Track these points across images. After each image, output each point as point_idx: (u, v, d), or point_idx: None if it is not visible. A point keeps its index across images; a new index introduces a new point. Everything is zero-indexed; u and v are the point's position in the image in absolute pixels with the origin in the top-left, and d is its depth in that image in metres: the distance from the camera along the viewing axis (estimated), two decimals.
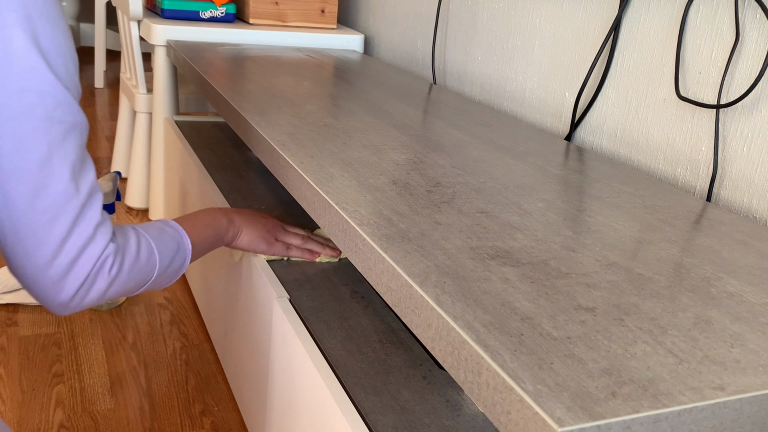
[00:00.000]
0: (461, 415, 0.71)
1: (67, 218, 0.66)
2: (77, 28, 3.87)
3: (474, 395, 0.48)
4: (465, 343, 0.49)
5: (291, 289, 0.93)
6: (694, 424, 0.45)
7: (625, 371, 0.47)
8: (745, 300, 0.59)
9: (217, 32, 1.68)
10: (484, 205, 0.74)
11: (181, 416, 1.14)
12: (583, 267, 0.62)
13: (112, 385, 1.20)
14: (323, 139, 0.92)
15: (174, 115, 1.75)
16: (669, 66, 0.99)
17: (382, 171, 0.82)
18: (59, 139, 0.65)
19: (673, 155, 0.98)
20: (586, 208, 0.78)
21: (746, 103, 0.88)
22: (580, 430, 0.41)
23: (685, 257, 0.67)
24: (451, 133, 1.04)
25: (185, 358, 1.28)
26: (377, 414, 0.70)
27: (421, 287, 0.55)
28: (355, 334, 0.84)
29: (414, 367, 0.79)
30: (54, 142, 0.64)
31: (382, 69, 1.55)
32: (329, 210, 0.71)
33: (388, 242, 0.62)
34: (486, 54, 1.41)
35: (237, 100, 1.09)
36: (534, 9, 1.26)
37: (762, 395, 0.46)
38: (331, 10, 1.86)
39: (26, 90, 0.62)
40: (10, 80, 0.61)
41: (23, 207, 0.64)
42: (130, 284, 0.73)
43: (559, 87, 1.20)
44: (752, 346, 0.52)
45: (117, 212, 1.91)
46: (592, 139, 1.13)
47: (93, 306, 0.74)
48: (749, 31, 0.87)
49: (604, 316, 0.54)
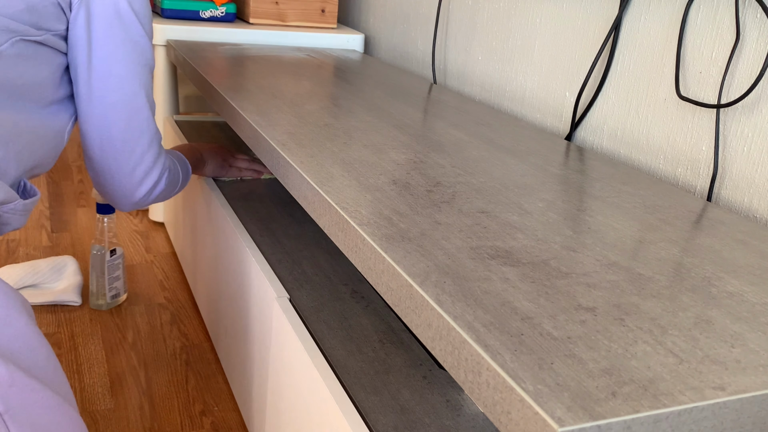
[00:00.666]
0: (461, 415, 0.71)
1: (147, 137, 0.92)
2: None
3: (474, 395, 0.48)
4: (465, 342, 0.49)
5: (291, 289, 0.93)
6: (695, 424, 0.45)
7: (625, 371, 0.46)
8: (745, 300, 0.59)
9: (217, 32, 1.68)
10: (485, 205, 0.74)
11: (181, 416, 1.14)
12: (584, 267, 0.62)
13: (112, 385, 1.19)
14: (323, 138, 0.92)
15: (174, 114, 1.75)
16: (669, 66, 0.99)
17: (382, 171, 0.82)
18: (145, 77, 0.90)
19: (674, 155, 0.98)
20: (586, 208, 0.78)
21: (747, 103, 0.88)
22: (581, 430, 0.41)
23: (685, 257, 0.67)
24: (452, 132, 1.04)
25: (185, 358, 1.28)
26: (377, 414, 0.70)
27: (421, 287, 0.55)
28: (355, 334, 0.84)
29: (414, 367, 0.78)
30: (142, 80, 0.89)
31: (382, 69, 1.55)
32: (329, 210, 0.71)
33: (388, 242, 0.62)
34: (486, 54, 1.41)
35: (237, 100, 1.09)
36: (534, 9, 1.26)
37: (762, 395, 0.46)
38: (331, 10, 1.86)
39: (128, 40, 0.87)
40: (117, 33, 0.86)
41: (121, 127, 0.89)
42: (169, 189, 1.00)
43: (560, 87, 1.20)
44: (753, 346, 0.52)
45: (117, 212, 1.91)
46: (592, 138, 1.13)
47: (152, 202, 0.99)
48: (749, 31, 0.87)
49: (605, 315, 0.54)
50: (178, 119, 1.68)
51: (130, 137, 0.90)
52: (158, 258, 1.67)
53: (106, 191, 0.95)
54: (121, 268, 1.43)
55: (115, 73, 0.87)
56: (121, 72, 0.87)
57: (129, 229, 1.82)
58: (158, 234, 1.80)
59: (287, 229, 1.13)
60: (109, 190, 0.94)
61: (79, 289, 1.44)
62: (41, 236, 1.73)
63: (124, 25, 0.86)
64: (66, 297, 1.41)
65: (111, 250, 1.39)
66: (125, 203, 0.96)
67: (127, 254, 1.67)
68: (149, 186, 0.94)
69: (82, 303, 1.44)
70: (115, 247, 1.40)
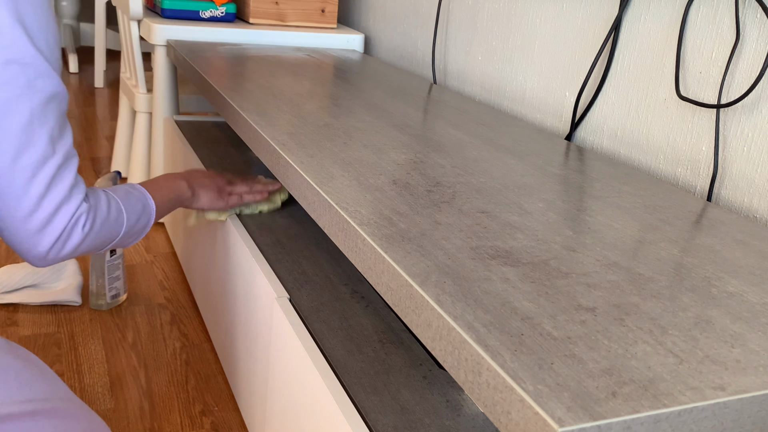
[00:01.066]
0: (461, 415, 0.71)
1: (44, 177, 0.73)
2: (77, 27, 3.86)
3: (474, 395, 0.48)
4: (465, 343, 0.49)
5: (291, 289, 0.93)
6: (695, 424, 0.45)
7: (625, 371, 0.46)
8: (745, 300, 0.59)
9: (217, 32, 1.68)
10: (485, 205, 0.74)
11: (181, 416, 1.14)
12: (584, 267, 0.62)
13: (112, 385, 1.19)
14: (323, 138, 0.92)
15: (174, 114, 1.75)
16: (669, 66, 0.99)
17: (382, 171, 0.82)
18: (40, 106, 0.72)
19: (674, 155, 0.98)
20: (586, 208, 0.78)
21: (747, 103, 0.88)
22: (581, 430, 0.41)
23: (685, 257, 0.67)
24: (452, 132, 1.04)
25: (185, 358, 1.28)
26: (377, 414, 0.70)
27: (421, 287, 0.55)
28: (355, 334, 0.84)
29: (414, 367, 0.78)
30: (35, 109, 0.71)
31: (382, 69, 1.55)
32: (329, 210, 0.71)
33: (388, 242, 0.62)
34: (486, 54, 1.41)
35: (237, 100, 1.09)
36: (534, 9, 1.26)
37: (762, 395, 0.46)
38: (331, 10, 1.86)
39: (11, 61, 0.69)
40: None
41: (6, 165, 0.71)
42: (100, 240, 0.81)
43: (560, 87, 1.20)
44: (753, 346, 0.52)
45: None
46: (592, 138, 1.13)
47: (77, 254, 0.81)
48: (749, 31, 0.87)
49: (605, 316, 0.54)
50: (178, 119, 1.68)
51: (18, 177, 0.72)
52: (158, 258, 1.67)
53: (8, 243, 0.78)
54: (121, 268, 1.43)
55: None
56: (2, 98, 0.70)
57: None
58: (158, 234, 1.80)
59: (287, 229, 1.13)
60: (9, 243, 0.77)
61: (79, 289, 1.44)
62: None
63: (7, 43, 0.69)
64: (66, 297, 1.41)
65: (111, 250, 1.39)
66: (32, 259, 0.77)
67: (127, 254, 1.67)
68: (52, 239, 0.76)
69: (82, 303, 1.44)
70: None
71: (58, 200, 0.75)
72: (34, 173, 0.73)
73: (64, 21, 3.73)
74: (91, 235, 0.79)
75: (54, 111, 0.74)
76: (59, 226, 0.76)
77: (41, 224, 0.74)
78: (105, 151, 2.43)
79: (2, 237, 0.77)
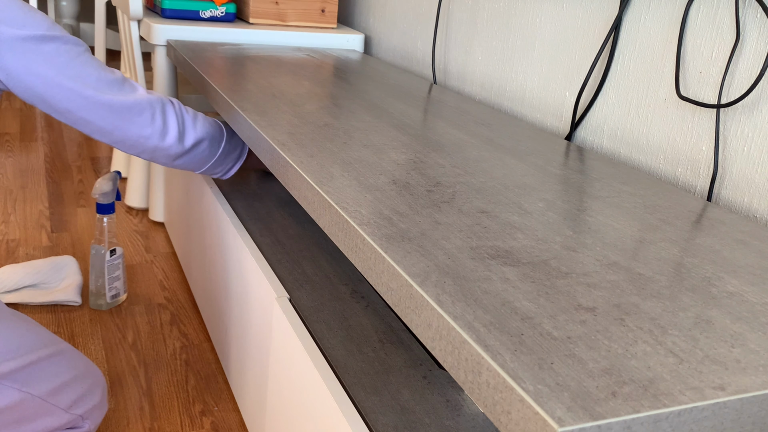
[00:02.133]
0: (461, 415, 0.71)
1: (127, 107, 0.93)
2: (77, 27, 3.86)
3: (474, 395, 0.48)
4: (465, 342, 0.49)
5: (291, 289, 0.93)
6: (695, 424, 0.44)
7: (625, 371, 0.46)
8: (745, 300, 0.59)
9: (217, 32, 1.68)
10: (485, 205, 0.74)
11: (181, 416, 1.14)
12: (584, 267, 0.62)
13: (112, 385, 1.19)
14: (323, 138, 0.92)
15: None
16: (669, 66, 0.99)
17: (382, 171, 0.82)
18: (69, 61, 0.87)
19: (674, 155, 0.98)
20: (586, 208, 0.78)
21: (747, 103, 0.88)
22: (581, 430, 0.41)
23: (685, 257, 0.67)
24: (452, 132, 1.04)
25: (185, 358, 1.28)
26: (377, 414, 0.70)
27: (421, 287, 0.55)
28: (355, 333, 0.84)
29: (414, 367, 0.78)
30: (70, 70, 0.87)
31: (382, 69, 1.55)
32: (329, 210, 0.71)
33: (388, 242, 0.62)
34: (486, 54, 1.41)
35: (237, 100, 1.09)
36: (534, 9, 1.26)
37: (762, 395, 0.46)
38: (331, 10, 1.86)
39: (24, 47, 0.83)
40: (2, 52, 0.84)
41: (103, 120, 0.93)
42: (192, 126, 1.04)
43: (560, 87, 1.20)
44: (753, 346, 0.52)
45: (117, 212, 1.91)
46: (592, 138, 1.13)
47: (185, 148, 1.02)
48: (750, 31, 0.87)
49: (605, 315, 0.54)
50: None
51: (118, 122, 0.92)
52: (158, 258, 1.67)
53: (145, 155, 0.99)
54: (121, 268, 1.43)
55: (39, 93, 0.84)
56: (41, 84, 0.84)
57: (129, 229, 1.82)
58: (158, 234, 1.80)
59: (287, 229, 1.13)
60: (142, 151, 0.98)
61: (79, 289, 1.44)
62: (41, 236, 1.73)
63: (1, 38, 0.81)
64: (66, 297, 1.41)
65: (111, 250, 1.39)
66: (161, 158, 1.00)
67: (127, 254, 1.67)
68: (158, 128, 0.96)
69: (82, 303, 1.44)
70: (115, 247, 1.40)
71: (151, 114, 0.96)
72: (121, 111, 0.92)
73: (64, 21, 3.73)
74: (188, 121, 1.03)
75: (82, 52, 0.89)
76: (158, 122, 0.97)
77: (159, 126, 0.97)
78: (105, 151, 2.43)
79: (142, 153, 0.98)
